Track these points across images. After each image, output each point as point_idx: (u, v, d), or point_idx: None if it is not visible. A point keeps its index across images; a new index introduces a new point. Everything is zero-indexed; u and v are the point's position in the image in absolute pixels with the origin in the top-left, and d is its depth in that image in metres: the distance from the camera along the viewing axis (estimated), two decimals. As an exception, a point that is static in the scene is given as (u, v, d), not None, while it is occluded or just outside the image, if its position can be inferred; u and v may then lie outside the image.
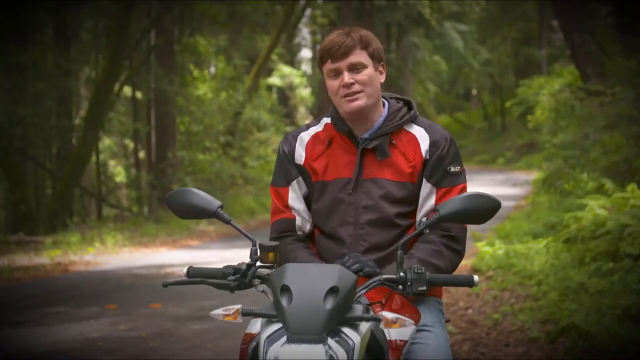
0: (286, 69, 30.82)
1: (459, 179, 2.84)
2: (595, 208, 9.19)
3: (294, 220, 2.92)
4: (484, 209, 2.55)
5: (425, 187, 2.84)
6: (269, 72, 29.58)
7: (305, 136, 2.94)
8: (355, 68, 2.80)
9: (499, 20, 37.52)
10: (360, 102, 2.80)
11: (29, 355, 6.59)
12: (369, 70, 2.82)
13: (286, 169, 2.93)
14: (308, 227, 2.94)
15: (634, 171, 10.29)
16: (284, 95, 31.85)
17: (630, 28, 12.14)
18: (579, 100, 13.57)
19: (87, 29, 20.82)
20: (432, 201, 2.82)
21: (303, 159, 2.91)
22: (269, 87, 29.34)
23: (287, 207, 2.92)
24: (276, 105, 28.12)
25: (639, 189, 9.24)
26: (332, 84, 2.83)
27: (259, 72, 24.24)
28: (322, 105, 28.14)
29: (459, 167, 2.85)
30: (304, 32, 36.60)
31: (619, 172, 10.73)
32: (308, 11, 30.53)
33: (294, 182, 2.92)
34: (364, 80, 2.80)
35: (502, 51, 38.39)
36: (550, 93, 16.82)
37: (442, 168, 2.82)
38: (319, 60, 2.87)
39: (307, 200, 2.94)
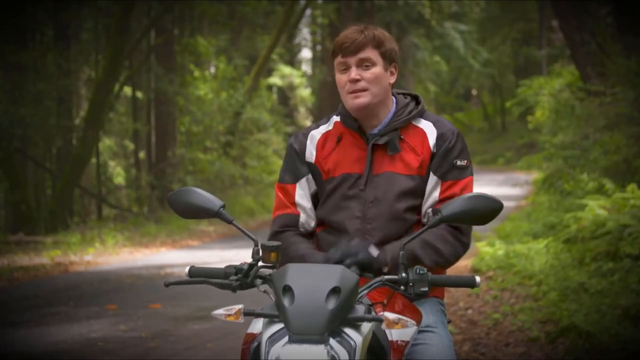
0: (286, 69, 30.83)
1: (465, 172, 2.85)
2: (595, 208, 9.20)
3: (298, 216, 2.92)
4: (487, 210, 2.55)
5: (432, 179, 2.85)
6: (269, 72, 29.59)
7: (316, 134, 2.95)
8: (363, 64, 2.82)
9: (499, 20, 37.55)
10: (364, 99, 2.82)
11: (29, 355, 6.58)
12: (377, 69, 2.83)
13: (295, 166, 2.93)
14: (312, 224, 2.94)
15: (634, 171, 10.29)
16: (284, 95, 31.87)
17: (630, 28, 12.13)
18: (579, 100, 13.57)
19: (87, 29, 20.82)
20: (437, 193, 2.83)
21: (314, 157, 2.92)
22: (269, 87, 29.34)
23: (293, 204, 2.92)
24: (276, 105, 28.13)
25: (639, 189, 9.24)
26: (340, 77, 2.85)
27: (259, 72, 24.24)
28: (322, 105, 28.16)
29: (465, 161, 2.86)
30: (304, 32, 36.61)
31: (619, 172, 10.73)
32: (308, 11, 30.52)
33: (303, 180, 2.92)
34: (370, 77, 2.81)
35: (502, 51, 38.44)
36: (550, 93, 16.83)
37: (448, 161, 2.83)
38: (331, 53, 2.89)
39: (315, 198, 2.94)
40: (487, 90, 43.70)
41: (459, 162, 2.84)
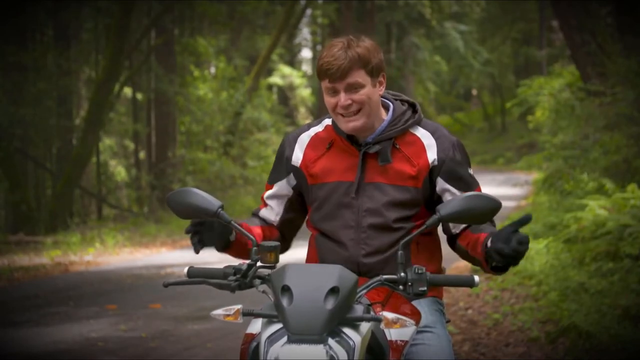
0: (286, 69, 30.85)
1: (476, 180, 2.88)
2: (596, 208, 9.20)
3: (261, 209, 3.01)
4: (485, 209, 2.55)
5: (448, 194, 2.84)
6: (269, 72, 29.60)
7: (306, 137, 2.94)
8: (352, 88, 2.75)
9: (499, 20, 37.55)
10: (358, 123, 2.78)
11: (29, 355, 6.59)
12: (367, 90, 2.76)
13: (277, 168, 2.97)
14: (272, 218, 2.98)
15: (634, 171, 10.29)
16: (285, 95, 31.90)
17: (630, 28, 12.13)
18: (579, 100, 13.57)
19: (87, 29, 20.83)
20: None
21: (300, 161, 2.91)
22: (269, 87, 29.36)
23: (263, 200, 3.00)
24: (276, 105, 28.14)
25: (639, 189, 9.24)
26: (330, 101, 2.80)
27: (259, 72, 24.25)
28: (322, 105, 28.13)
29: (471, 170, 2.89)
30: (305, 32, 36.63)
31: (619, 172, 10.73)
32: (308, 11, 30.54)
33: (281, 182, 2.95)
34: (361, 99, 2.76)
35: (502, 51, 38.42)
36: (551, 93, 16.81)
37: (465, 175, 2.83)
38: (317, 74, 2.82)
39: (291, 202, 2.97)
40: (487, 90, 43.70)
41: (470, 171, 2.87)
